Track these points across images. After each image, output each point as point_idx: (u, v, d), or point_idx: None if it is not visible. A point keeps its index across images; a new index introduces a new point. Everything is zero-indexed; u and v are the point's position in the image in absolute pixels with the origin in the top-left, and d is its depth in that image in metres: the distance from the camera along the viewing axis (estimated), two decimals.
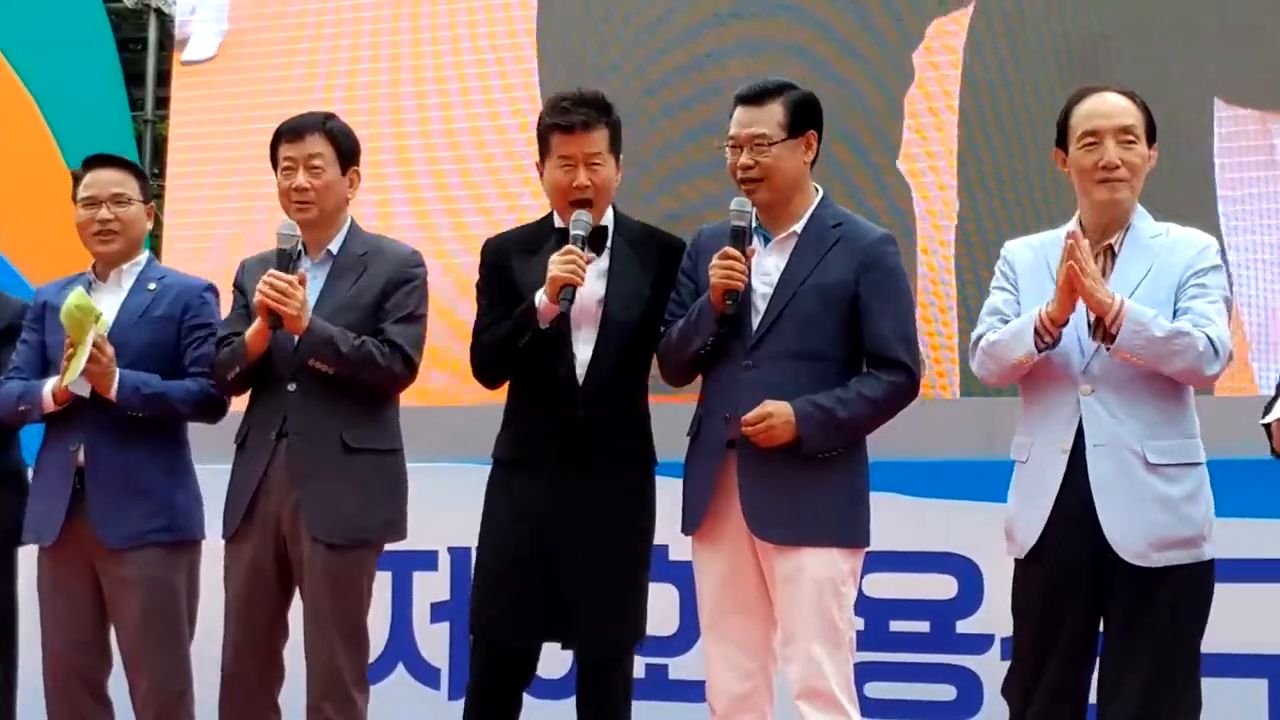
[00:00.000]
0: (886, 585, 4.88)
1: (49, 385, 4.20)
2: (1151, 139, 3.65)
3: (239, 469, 4.15)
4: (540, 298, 3.83)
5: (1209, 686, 3.62)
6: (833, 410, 3.69)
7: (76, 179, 4.42)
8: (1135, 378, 3.52)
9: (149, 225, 4.43)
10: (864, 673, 4.01)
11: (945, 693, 4.89)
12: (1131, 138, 3.60)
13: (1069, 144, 3.66)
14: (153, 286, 4.35)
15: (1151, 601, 3.49)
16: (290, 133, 4.16)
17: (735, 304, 3.69)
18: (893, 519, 3.88)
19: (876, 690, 4.78)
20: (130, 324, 4.27)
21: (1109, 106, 3.63)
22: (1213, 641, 3.68)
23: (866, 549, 3.82)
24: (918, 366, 3.80)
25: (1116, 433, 3.52)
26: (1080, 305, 3.53)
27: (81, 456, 4.21)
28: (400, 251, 4.22)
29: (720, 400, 3.78)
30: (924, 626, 4.95)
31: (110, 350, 4.12)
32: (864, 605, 4.73)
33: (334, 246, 4.17)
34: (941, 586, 4.92)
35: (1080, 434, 3.55)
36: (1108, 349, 3.48)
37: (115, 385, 4.13)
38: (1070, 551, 3.55)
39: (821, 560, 3.68)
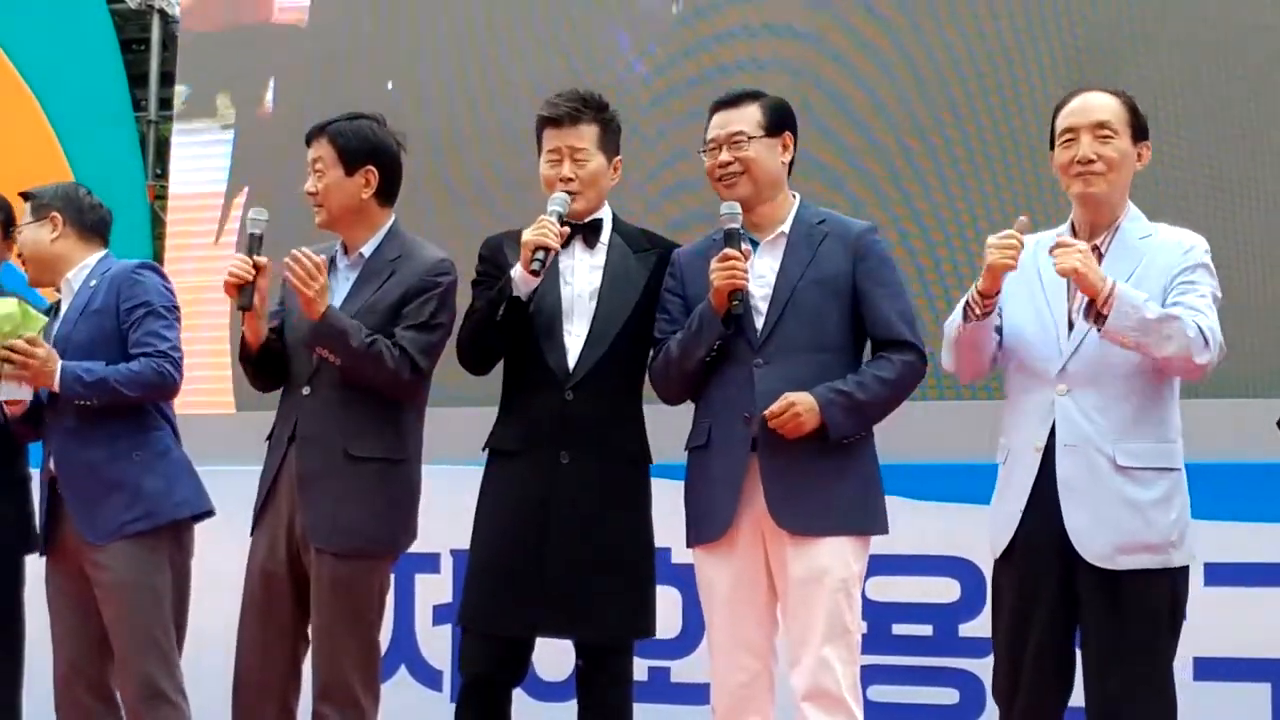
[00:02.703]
0: (889, 588, 4.88)
1: None
2: (1139, 136, 3.61)
3: (263, 469, 4.16)
4: (517, 269, 3.83)
5: (1212, 691, 3.62)
6: (853, 394, 3.70)
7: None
8: (1113, 379, 3.49)
9: (54, 234, 4.41)
10: (867, 676, 4.00)
11: (948, 696, 4.89)
12: (1108, 132, 3.56)
13: (1054, 145, 3.65)
14: (94, 283, 4.37)
15: (1119, 605, 3.45)
16: (306, 138, 4.18)
17: (742, 303, 3.69)
18: (896, 522, 3.87)
19: (879, 694, 4.78)
20: (72, 324, 4.31)
21: (1087, 104, 3.61)
22: (1215, 646, 3.67)
23: (873, 537, 3.81)
24: (923, 345, 3.82)
25: (1088, 433, 3.49)
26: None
27: (52, 463, 4.26)
28: (427, 259, 4.12)
29: (735, 402, 3.76)
30: (927, 630, 4.96)
31: (41, 350, 4.14)
32: (867, 608, 4.71)
33: (367, 250, 4.14)
34: (944, 590, 4.92)
35: (1054, 433, 3.52)
36: (1098, 329, 3.42)
37: (57, 378, 4.16)
38: (1038, 552, 3.52)
39: (839, 558, 3.68)
